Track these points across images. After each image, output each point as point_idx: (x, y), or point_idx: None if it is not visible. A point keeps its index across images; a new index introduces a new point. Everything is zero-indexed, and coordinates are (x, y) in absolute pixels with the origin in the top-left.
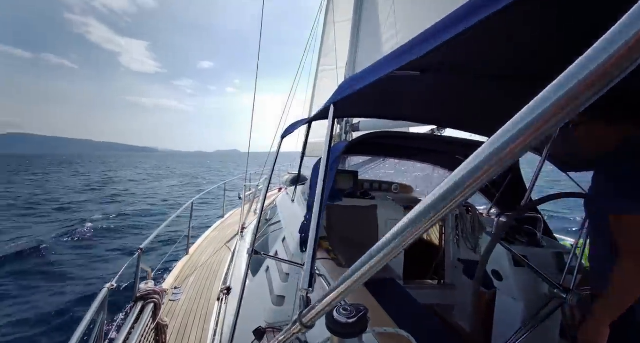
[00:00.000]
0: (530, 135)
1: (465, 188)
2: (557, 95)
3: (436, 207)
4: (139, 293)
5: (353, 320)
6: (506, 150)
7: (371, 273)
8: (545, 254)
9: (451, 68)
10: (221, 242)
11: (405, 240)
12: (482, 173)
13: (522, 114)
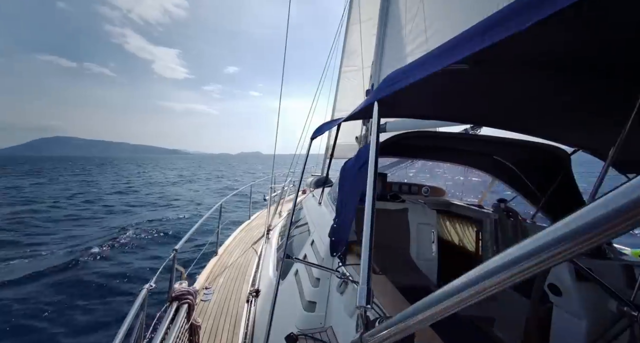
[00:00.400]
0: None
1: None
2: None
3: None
4: (174, 294)
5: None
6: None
7: (447, 313)
8: (612, 267)
9: (505, 60)
10: (248, 243)
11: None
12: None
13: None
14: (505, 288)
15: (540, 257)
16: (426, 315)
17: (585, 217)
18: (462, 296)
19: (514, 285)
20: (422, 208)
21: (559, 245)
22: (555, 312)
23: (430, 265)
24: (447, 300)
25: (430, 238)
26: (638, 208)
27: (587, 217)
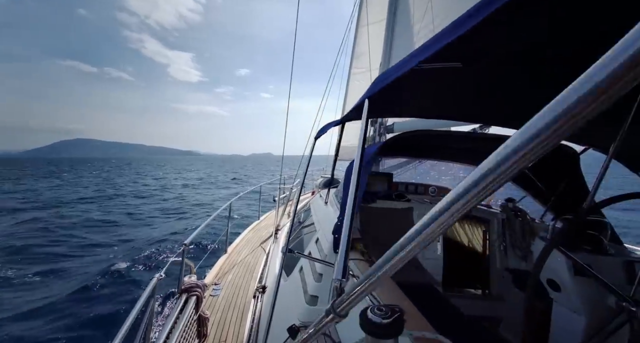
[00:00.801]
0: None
1: (499, 175)
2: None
3: (466, 195)
4: (184, 286)
5: (388, 321)
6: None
7: (402, 262)
8: (612, 263)
9: (496, 56)
10: (256, 242)
11: (438, 228)
12: (520, 157)
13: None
14: (512, 288)
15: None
16: (388, 266)
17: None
18: (421, 239)
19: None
20: (427, 207)
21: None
22: (555, 308)
23: (435, 264)
24: (401, 251)
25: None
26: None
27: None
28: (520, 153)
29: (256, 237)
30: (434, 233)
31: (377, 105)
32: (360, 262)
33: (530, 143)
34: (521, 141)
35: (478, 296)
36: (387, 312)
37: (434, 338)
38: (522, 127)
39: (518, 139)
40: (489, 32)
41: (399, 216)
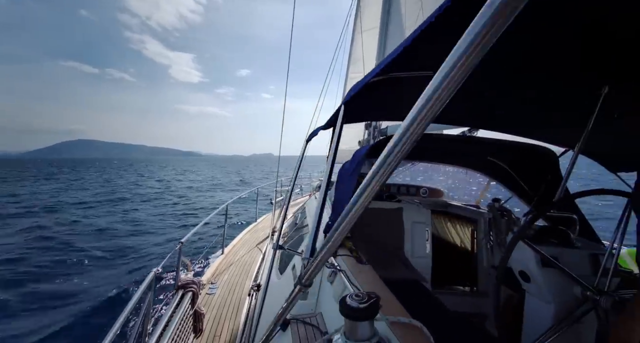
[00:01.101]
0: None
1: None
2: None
3: (390, 156)
4: (180, 283)
5: (364, 306)
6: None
7: (353, 219)
8: (579, 255)
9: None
10: (253, 243)
11: (378, 181)
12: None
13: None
14: (494, 282)
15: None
16: (340, 228)
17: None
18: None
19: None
20: (417, 207)
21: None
22: (527, 297)
23: (424, 262)
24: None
25: (425, 236)
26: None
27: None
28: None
29: (253, 238)
30: (372, 190)
31: (357, 110)
32: (348, 258)
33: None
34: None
35: (466, 293)
36: (364, 297)
37: (408, 322)
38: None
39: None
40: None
41: (389, 216)
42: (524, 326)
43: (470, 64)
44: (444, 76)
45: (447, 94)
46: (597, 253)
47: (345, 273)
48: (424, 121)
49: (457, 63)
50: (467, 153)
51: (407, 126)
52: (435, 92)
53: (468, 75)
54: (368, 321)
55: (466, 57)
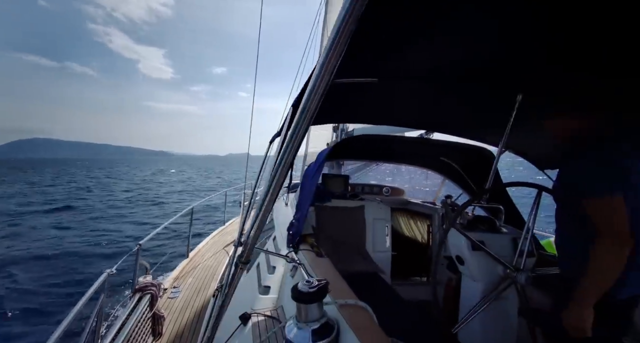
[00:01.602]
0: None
1: None
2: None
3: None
4: (138, 286)
5: (314, 290)
6: None
7: (276, 192)
8: (502, 239)
9: (401, 76)
10: (220, 246)
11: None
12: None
13: None
14: (447, 273)
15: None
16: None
17: None
18: None
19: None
20: (378, 205)
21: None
22: (462, 278)
23: (384, 256)
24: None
25: (385, 232)
26: None
27: None
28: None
29: (221, 242)
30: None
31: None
32: (308, 252)
33: None
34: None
35: (423, 283)
36: (313, 283)
37: (354, 304)
38: None
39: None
40: (400, 56)
41: (351, 214)
42: (460, 304)
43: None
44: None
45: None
46: (516, 237)
47: (304, 266)
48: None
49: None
50: (423, 154)
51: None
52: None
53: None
54: (317, 304)
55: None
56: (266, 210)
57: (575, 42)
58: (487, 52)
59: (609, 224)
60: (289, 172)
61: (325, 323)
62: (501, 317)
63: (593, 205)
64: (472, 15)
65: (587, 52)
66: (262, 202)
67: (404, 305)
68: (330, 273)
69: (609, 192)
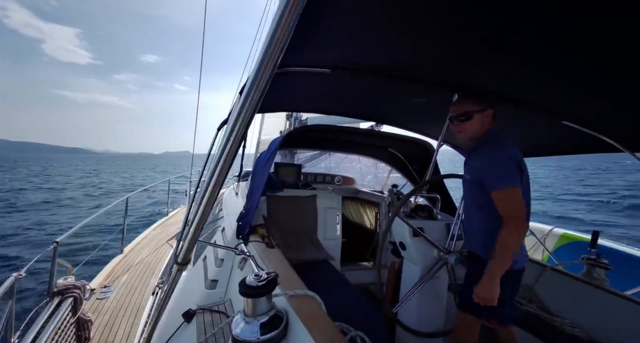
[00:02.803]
0: None
1: None
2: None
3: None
4: (56, 288)
5: (262, 283)
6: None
7: (216, 191)
8: (438, 225)
9: (352, 68)
10: (162, 239)
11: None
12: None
13: None
14: (391, 257)
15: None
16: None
17: None
18: None
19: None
20: (329, 194)
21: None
22: (404, 262)
23: (335, 244)
24: None
25: (336, 220)
26: None
27: None
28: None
29: (163, 234)
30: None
31: (266, 101)
32: (258, 244)
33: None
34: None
35: (369, 267)
36: (262, 276)
37: (304, 294)
38: None
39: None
40: (351, 50)
41: (303, 203)
42: (401, 285)
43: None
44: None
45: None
46: (449, 223)
47: (253, 258)
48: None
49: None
50: (373, 145)
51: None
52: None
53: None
54: (265, 297)
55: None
56: (207, 204)
57: (498, 54)
58: (426, 55)
59: (512, 210)
60: (233, 161)
61: (274, 316)
62: (434, 293)
63: (499, 195)
64: (414, 20)
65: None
66: (203, 195)
67: (352, 290)
68: (280, 264)
69: (512, 184)
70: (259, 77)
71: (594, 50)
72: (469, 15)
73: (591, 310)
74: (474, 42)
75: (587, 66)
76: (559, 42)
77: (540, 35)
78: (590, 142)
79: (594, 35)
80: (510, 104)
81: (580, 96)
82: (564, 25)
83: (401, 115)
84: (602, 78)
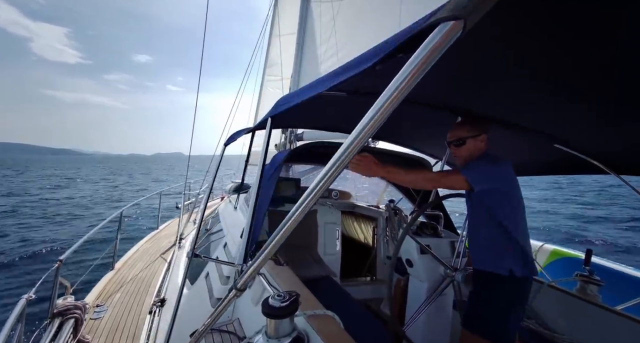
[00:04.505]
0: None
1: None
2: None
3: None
4: (57, 309)
5: (286, 304)
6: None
7: (286, 234)
8: (443, 243)
9: (368, 94)
10: (155, 254)
11: (311, 198)
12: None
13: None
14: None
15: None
16: (275, 240)
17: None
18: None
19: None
20: (329, 209)
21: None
22: (410, 280)
23: (334, 259)
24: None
25: (335, 235)
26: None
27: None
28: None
29: (154, 248)
30: (307, 206)
31: (282, 117)
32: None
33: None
34: (350, 141)
35: (368, 282)
36: (285, 296)
37: (323, 314)
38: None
39: (349, 140)
40: (364, 79)
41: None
42: (407, 303)
43: (400, 95)
44: (384, 102)
45: (384, 115)
46: (453, 240)
47: (264, 275)
48: (367, 135)
49: (393, 93)
50: None
51: (352, 140)
52: (376, 113)
53: (400, 101)
54: (288, 318)
55: (399, 90)
56: (292, 225)
57: (499, 81)
58: (432, 85)
59: (443, 180)
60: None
61: (296, 337)
62: (441, 311)
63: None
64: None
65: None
66: (286, 221)
67: (357, 306)
68: (293, 283)
69: (466, 174)
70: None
71: (583, 79)
72: (476, 49)
73: (588, 327)
74: (479, 73)
75: (578, 95)
76: (554, 74)
77: (538, 68)
78: (580, 163)
79: (581, 66)
80: (508, 127)
81: (571, 121)
82: (559, 61)
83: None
84: (591, 110)
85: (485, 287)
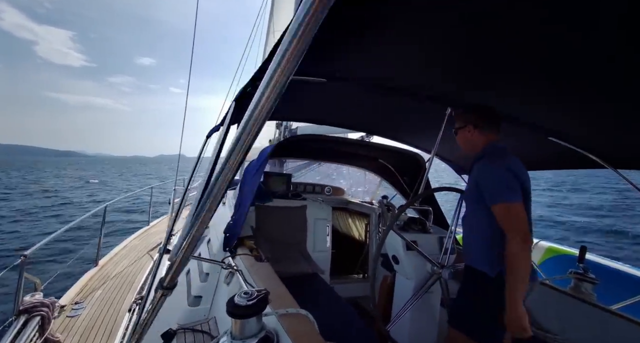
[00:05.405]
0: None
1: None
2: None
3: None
4: (22, 306)
5: (252, 302)
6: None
7: (209, 217)
8: (431, 239)
9: (349, 79)
10: (143, 250)
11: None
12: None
13: None
14: (382, 269)
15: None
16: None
17: None
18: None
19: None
20: (319, 204)
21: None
22: (397, 276)
23: (324, 256)
24: None
25: (325, 231)
26: None
27: None
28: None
29: (143, 245)
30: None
31: (244, 104)
32: (247, 257)
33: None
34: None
35: (359, 280)
36: (252, 294)
37: (296, 312)
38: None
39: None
40: (349, 61)
41: (293, 214)
42: (394, 300)
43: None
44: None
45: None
46: (442, 236)
47: (241, 272)
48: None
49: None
50: (363, 155)
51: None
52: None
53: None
54: (255, 317)
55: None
56: (205, 218)
57: (490, 71)
58: (422, 71)
59: (514, 225)
60: (236, 172)
61: (264, 338)
62: (427, 309)
63: (499, 209)
64: (414, 38)
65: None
66: (197, 209)
67: (342, 305)
68: (270, 279)
69: (511, 199)
70: (273, 85)
71: (579, 71)
72: (471, 40)
73: (581, 325)
74: (470, 62)
75: (573, 86)
76: (550, 64)
77: (534, 59)
78: (576, 158)
79: (578, 59)
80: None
81: (567, 114)
82: (555, 51)
83: (393, 128)
84: (585, 101)
85: (475, 284)
